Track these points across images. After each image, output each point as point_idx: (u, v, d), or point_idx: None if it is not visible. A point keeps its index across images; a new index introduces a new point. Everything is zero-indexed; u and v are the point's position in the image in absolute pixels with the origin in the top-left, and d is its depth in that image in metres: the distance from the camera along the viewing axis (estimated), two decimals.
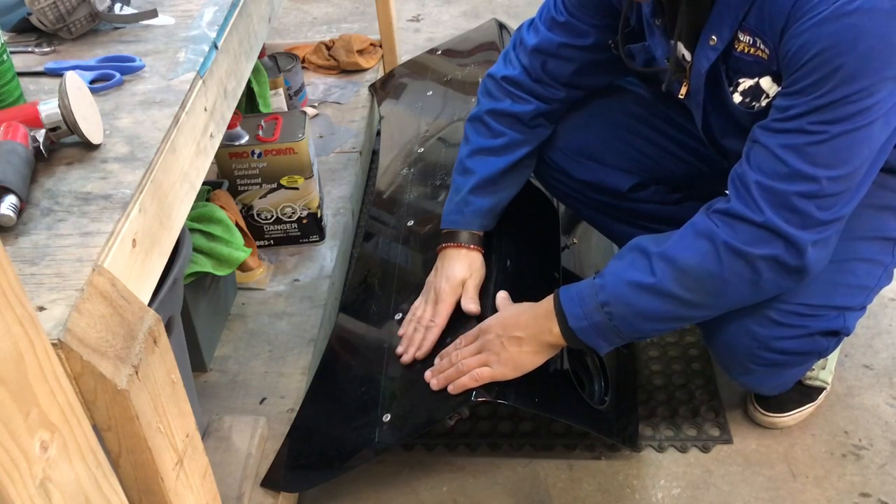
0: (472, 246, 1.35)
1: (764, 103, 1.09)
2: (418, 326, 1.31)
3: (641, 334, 1.16)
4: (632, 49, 1.25)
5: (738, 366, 1.25)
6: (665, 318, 1.12)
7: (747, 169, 1.05)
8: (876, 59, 0.94)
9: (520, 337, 1.17)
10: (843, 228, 1.09)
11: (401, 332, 1.34)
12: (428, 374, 1.22)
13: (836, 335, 1.20)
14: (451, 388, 1.17)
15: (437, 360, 1.23)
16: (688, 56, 1.15)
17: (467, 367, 1.17)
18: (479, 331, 1.21)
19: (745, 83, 1.09)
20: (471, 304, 1.30)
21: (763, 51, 1.04)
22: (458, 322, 1.29)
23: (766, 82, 1.07)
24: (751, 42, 1.05)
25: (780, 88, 1.05)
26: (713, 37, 1.08)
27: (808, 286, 1.12)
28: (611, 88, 1.40)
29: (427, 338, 1.29)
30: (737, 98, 1.11)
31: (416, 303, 1.35)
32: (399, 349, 1.32)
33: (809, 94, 0.97)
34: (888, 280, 1.22)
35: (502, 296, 1.27)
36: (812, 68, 0.96)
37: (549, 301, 1.17)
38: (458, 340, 1.22)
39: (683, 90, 1.18)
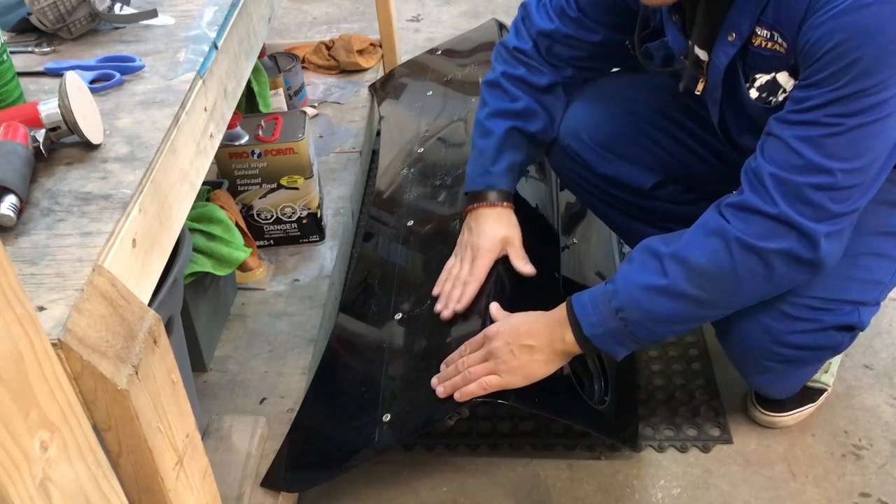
0: (504, 204, 1.33)
1: (780, 98, 1.09)
2: (456, 282, 1.30)
3: (658, 337, 1.15)
4: (649, 48, 1.25)
5: (752, 363, 1.25)
6: (680, 319, 1.12)
7: (762, 161, 1.04)
8: (894, 53, 0.94)
9: (531, 345, 1.15)
10: (856, 223, 1.08)
11: (436, 291, 1.33)
12: (434, 380, 1.20)
13: (851, 330, 1.20)
14: (457, 396, 1.16)
15: (442, 367, 1.21)
16: (702, 56, 1.14)
17: (474, 375, 1.15)
18: (484, 337, 1.18)
19: (762, 78, 1.09)
20: (524, 265, 1.31)
21: (780, 45, 1.04)
22: (468, 322, 1.29)
23: (783, 77, 1.07)
24: (768, 36, 1.05)
25: (796, 83, 1.05)
26: (732, 33, 1.08)
27: (822, 280, 1.12)
28: (638, 80, 1.39)
29: (466, 292, 1.28)
30: (753, 94, 1.11)
31: (449, 263, 1.34)
32: (437, 307, 1.30)
33: (826, 87, 0.97)
34: None
35: (496, 307, 1.24)
36: (829, 60, 0.96)
37: (560, 310, 1.16)
38: (462, 347, 1.21)
39: (700, 87, 1.18)
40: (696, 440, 1.36)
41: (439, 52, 2.11)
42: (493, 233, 1.31)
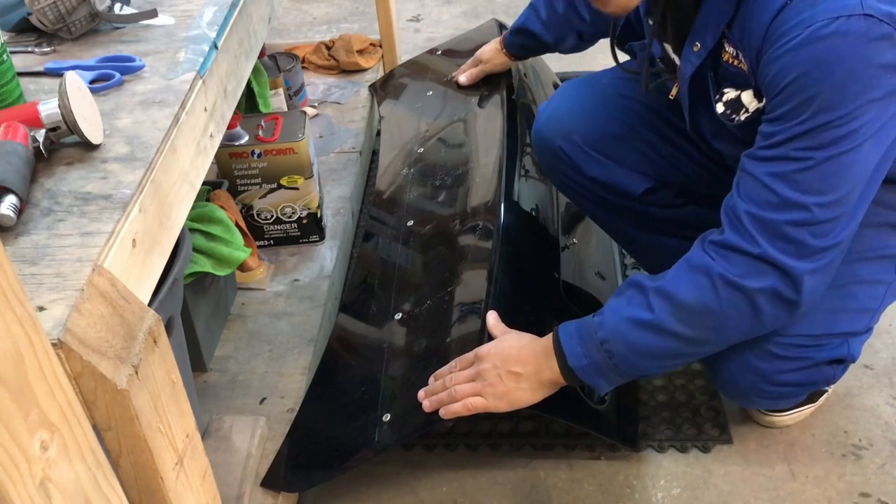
0: (507, 51, 1.74)
1: (743, 118, 1.08)
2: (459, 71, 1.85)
3: (642, 372, 1.13)
4: (633, 46, 1.25)
5: (744, 400, 1.27)
6: (665, 355, 1.10)
7: (737, 200, 1.03)
8: (854, 84, 0.92)
9: (518, 373, 1.14)
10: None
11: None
12: (421, 393, 1.20)
13: (842, 362, 1.20)
14: (442, 413, 1.15)
15: (430, 380, 1.21)
16: (677, 60, 1.15)
17: (460, 395, 1.15)
18: (475, 356, 1.17)
19: (730, 94, 1.08)
20: (462, 76, 1.81)
21: (744, 64, 1.03)
22: (468, 323, 1.30)
23: (748, 97, 1.06)
24: (734, 54, 1.04)
25: (760, 105, 1.04)
26: (697, 43, 1.07)
27: (808, 316, 1.10)
28: (634, 83, 1.39)
29: (458, 76, 1.84)
30: (720, 108, 1.10)
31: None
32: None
33: (790, 121, 0.96)
34: (894, 296, 1.21)
35: (493, 318, 1.23)
36: (789, 95, 0.95)
37: (549, 338, 1.15)
38: (452, 363, 1.20)
39: (674, 91, 1.18)
40: (696, 440, 1.36)
41: (439, 52, 2.11)
42: (479, 53, 1.80)
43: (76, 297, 0.67)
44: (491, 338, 1.21)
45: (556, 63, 1.80)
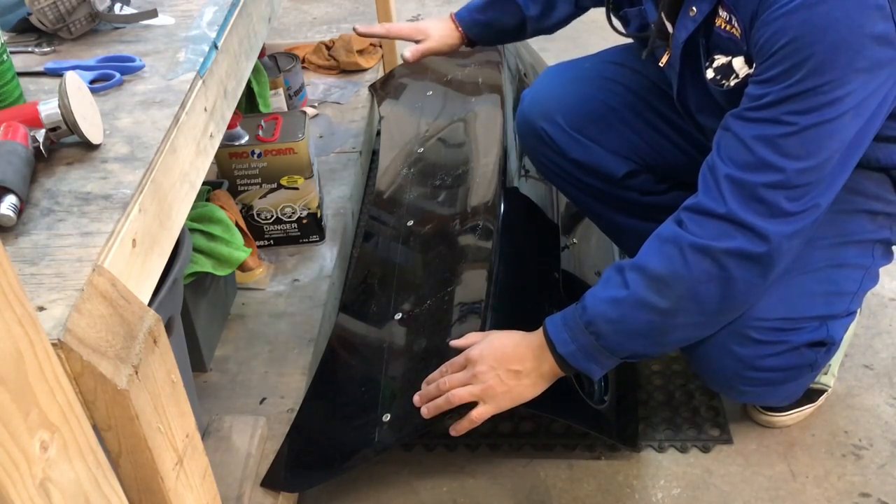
0: (459, 29, 1.53)
1: (733, 83, 1.09)
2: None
3: (631, 353, 1.14)
4: (628, 12, 1.26)
5: (730, 389, 1.26)
6: (648, 331, 1.10)
7: (718, 161, 1.04)
8: (846, 51, 0.94)
9: (518, 371, 1.14)
10: (817, 237, 1.07)
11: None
12: (416, 398, 1.20)
13: (823, 345, 1.19)
14: (452, 432, 1.16)
15: (423, 385, 1.21)
16: (669, 27, 1.15)
17: (457, 399, 1.15)
18: (466, 360, 1.17)
19: (720, 60, 1.09)
20: (409, 53, 1.52)
21: (737, 29, 1.04)
22: (468, 323, 1.30)
23: (738, 62, 1.07)
24: (727, 19, 1.05)
25: (750, 71, 1.05)
26: (693, 8, 1.09)
27: (785, 300, 1.12)
28: (617, 63, 1.40)
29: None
30: (709, 74, 1.11)
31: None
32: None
33: (781, 83, 0.97)
34: (873, 282, 1.21)
35: (457, 341, 1.22)
36: (783, 57, 0.96)
37: (540, 332, 1.16)
38: (443, 367, 1.20)
39: (665, 58, 1.18)
40: (696, 440, 1.36)
41: None
42: (424, 25, 1.55)
43: (76, 297, 0.67)
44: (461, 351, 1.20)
45: (554, 61, 1.80)
